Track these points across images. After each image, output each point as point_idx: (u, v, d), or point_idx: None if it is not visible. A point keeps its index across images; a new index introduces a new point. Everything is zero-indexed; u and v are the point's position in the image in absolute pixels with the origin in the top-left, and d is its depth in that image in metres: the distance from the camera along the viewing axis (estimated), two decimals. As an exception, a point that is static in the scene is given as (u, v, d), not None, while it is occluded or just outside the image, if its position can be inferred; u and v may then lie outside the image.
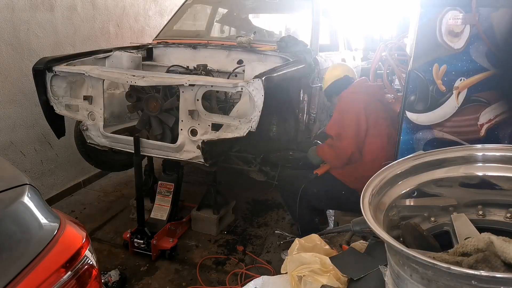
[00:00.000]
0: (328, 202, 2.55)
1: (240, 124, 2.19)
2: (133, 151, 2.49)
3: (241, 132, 2.18)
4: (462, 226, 1.14)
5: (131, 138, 2.47)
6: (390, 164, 1.22)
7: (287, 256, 1.51)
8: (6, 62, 2.83)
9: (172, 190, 2.78)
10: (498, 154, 1.20)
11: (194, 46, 3.18)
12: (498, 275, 0.75)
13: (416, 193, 1.23)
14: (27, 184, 1.11)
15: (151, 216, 2.78)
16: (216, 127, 2.31)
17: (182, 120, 2.32)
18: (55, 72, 2.52)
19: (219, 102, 2.77)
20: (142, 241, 2.55)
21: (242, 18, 4.31)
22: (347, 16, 4.94)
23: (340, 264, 1.37)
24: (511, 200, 1.18)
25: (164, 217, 2.74)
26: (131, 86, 2.47)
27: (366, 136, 2.36)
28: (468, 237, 1.02)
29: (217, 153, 2.53)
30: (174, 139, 2.46)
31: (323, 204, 2.60)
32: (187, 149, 2.38)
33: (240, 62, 2.95)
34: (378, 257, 1.33)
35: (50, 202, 3.20)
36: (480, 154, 1.22)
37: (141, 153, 2.50)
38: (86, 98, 2.56)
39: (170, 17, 3.90)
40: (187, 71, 2.91)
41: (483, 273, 0.73)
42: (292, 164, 2.78)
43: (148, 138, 2.53)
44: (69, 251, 1.06)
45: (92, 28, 3.63)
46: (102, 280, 2.26)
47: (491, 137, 1.82)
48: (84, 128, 2.62)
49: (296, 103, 2.94)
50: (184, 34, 3.64)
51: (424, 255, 0.84)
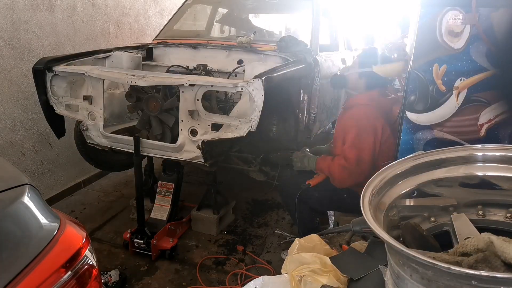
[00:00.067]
0: (330, 205, 2.51)
1: (240, 124, 2.19)
2: (133, 151, 2.49)
3: (241, 132, 2.18)
4: (462, 226, 1.14)
5: (131, 138, 2.47)
6: (390, 164, 1.22)
7: (287, 256, 1.51)
8: (6, 62, 2.83)
9: (172, 190, 2.78)
10: (498, 154, 1.19)
11: (194, 46, 3.18)
12: (498, 275, 0.75)
13: (416, 193, 1.22)
14: (27, 184, 1.11)
15: (151, 216, 2.78)
16: (216, 127, 2.31)
17: (182, 120, 2.32)
18: (55, 72, 2.52)
19: (219, 102, 2.77)
20: (142, 241, 2.55)
21: (242, 18, 4.31)
22: (347, 16, 4.94)
23: (340, 264, 1.37)
24: (511, 200, 1.18)
25: (164, 217, 2.74)
26: (131, 86, 2.47)
27: (380, 150, 2.20)
28: (468, 237, 1.02)
29: (217, 153, 2.53)
30: (174, 139, 2.46)
31: (325, 207, 2.59)
32: (187, 149, 2.38)
33: (240, 62, 2.94)
34: (378, 257, 1.33)
35: (50, 202, 3.20)
36: (480, 154, 1.22)
37: (141, 153, 2.50)
38: (86, 98, 2.56)
39: (170, 17, 3.90)
40: (187, 71, 2.91)
41: (483, 273, 0.73)
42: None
43: (148, 138, 2.53)
44: (69, 251, 1.06)
45: (92, 28, 3.63)
46: (102, 280, 2.26)
47: (491, 137, 1.82)
48: (84, 128, 2.62)
49: (296, 103, 2.94)
50: (184, 34, 3.64)
51: (424, 255, 0.84)
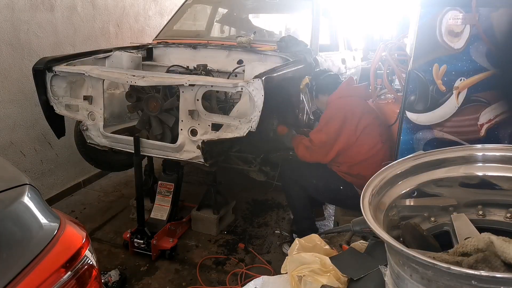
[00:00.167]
0: (326, 194, 2.57)
1: (240, 124, 2.19)
2: (133, 151, 2.49)
3: (241, 132, 2.18)
4: (462, 226, 1.14)
5: (131, 138, 2.47)
6: (390, 164, 1.22)
7: (287, 256, 1.51)
8: (6, 62, 2.83)
9: (172, 190, 2.78)
10: (498, 154, 1.19)
11: (194, 46, 3.18)
12: (498, 275, 0.75)
13: (416, 193, 1.22)
14: (27, 184, 1.11)
15: (151, 216, 2.78)
16: (216, 127, 2.31)
17: (182, 120, 2.32)
18: (55, 72, 2.52)
19: (219, 102, 2.77)
20: (142, 241, 2.55)
21: (242, 18, 4.31)
22: (347, 16, 4.94)
23: (340, 264, 1.37)
24: (511, 200, 1.18)
25: (164, 217, 2.74)
26: (131, 86, 2.47)
27: (357, 139, 2.36)
28: (468, 237, 1.02)
29: (217, 153, 2.53)
30: (174, 139, 2.46)
31: (321, 196, 2.62)
32: (187, 149, 2.38)
33: (240, 62, 2.94)
34: (378, 257, 1.33)
35: (50, 202, 3.20)
36: (480, 154, 1.22)
37: (141, 153, 2.50)
38: (86, 98, 2.56)
39: (170, 17, 3.90)
40: (187, 71, 2.91)
41: (483, 273, 0.73)
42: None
43: (148, 138, 2.53)
44: (69, 251, 1.06)
45: (92, 28, 3.63)
46: (102, 280, 2.26)
47: (491, 137, 1.83)
48: (84, 128, 2.62)
49: (296, 103, 2.95)
50: (184, 34, 3.64)
51: (424, 255, 0.84)
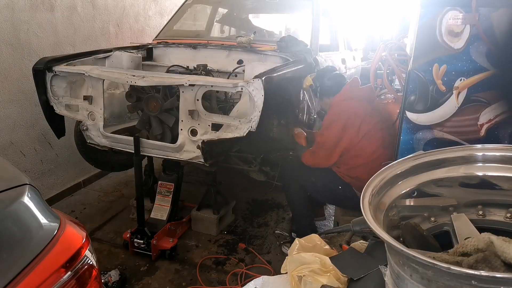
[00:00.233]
0: (325, 194, 2.57)
1: (240, 124, 2.19)
2: (133, 151, 2.49)
3: (241, 132, 2.18)
4: (462, 226, 1.14)
5: (131, 138, 2.47)
6: (390, 164, 1.22)
7: (287, 256, 1.51)
8: (6, 62, 2.83)
9: (172, 190, 2.78)
10: (498, 154, 1.19)
11: (194, 46, 3.18)
12: (498, 275, 0.75)
13: (416, 193, 1.23)
14: (27, 184, 1.11)
15: (151, 216, 2.78)
16: (216, 127, 2.31)
17: (182, 120, 2.32)
18: (55, 72, 2.51)
19: (219, 102, 2.77)
20: (142, 241, 2.55)
21: (242, 18, 4.31)
22: (347, 16, 4.94)
23: (340, 264, 1.37)
24: (511, 200, 1.18)
25: (164, 217, 2.74)
26: (131, 86, 2.47)
27: (359, 141, 2.35)
28: (468, 237, 1.02)
29: (217, 153, 2.53)
30: (174, 139, 2.46)
31: (320, 195, 2.62)
32: (187, 149, 2.38)
33: (240, 62, 2.94)
34: (378, 257, 1.33)
35: (50, 202, 3.20)
36: (480, 154, 1.22)
37: (141, 153, 2.50)
38: (86, 98, 2.56)
39: (170, 17, 3.90)
40: (187, 71, 2.91)
41: (483, 273, 0.73)
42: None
43: (148, 138, 2.52)
44: (69, 251, 1.06)
45: (92, 28, 3.63)
46: (102, 280, 2.26)
47: (491, 137, 1.83)
48: (84, 128, 2.62)
49: (296, 103, 2.94)
50: (184, 34, 3.63)
51: (424, 255, 0.84)
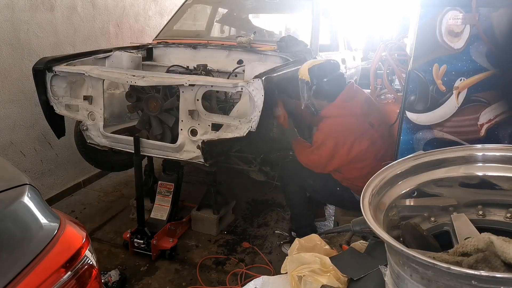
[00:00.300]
0: (323, 194, 2.57)
1: (240, 124, 2.19)
2: (133, 151, 2.49)
3: (241, 132, 2.18)
4: (462, 226, 1.14)
5: (131, 138, 2.47)
6: (390, 164, 1.22)
7: (287, 256, 1.51)
8: (6, 62, 2.83)
9: (172, 190, 2.78)
10: (498, 154, 1.19)
11: (194, 46, 3.18)
12: (498, 275, 0.75)
13: (416, 193, 1.23)
14: (27, 184, 1.11)
15: (151, 216, 2.78)
16: (216, 127, 2.31)
17: (182, 120, 2.32)
18: (55, 72, 2.51)
19: (219, 102, 2.77)
20: (142, 241, 2.55)
21: (242, 18, 4.31)
22: (347, 16, 4.94)
23: (340, 264, 1.37)
24: (511, 200, 1.18)
25: (164, 217, 2.74)
26: (131, 86, 2.47)
27: (350, 162, 2.29)
28: (468, 237, 1.02)
29: (217, 153, 2.53)
30: (174, 139, 2.46)
31: (318, 196, 2.63)
32: (187, 149, 2.38)
33: (240, 62, 2.94)
34: (378, 257, 1.33)
35: (50, 202, 3.20)
36: (480, 154, 1.22)
37: (141, 153, 2.50)
38: (86, 98, 2.56)
39: (170, 17, 3.90)
40: (187, 71, 2.91)
41: (483, 273, 0.73)
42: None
43: (148, 138, 2.52)
44: (69, 251, 1.06)
45: (92, 28, 3.63)
46: (102, 280, 2.26)
47: (491, 137, 1.82)
48: (84, 128, 2.62)
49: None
50: (184, 34, 3.63)
51: (424, 255, 0.84)
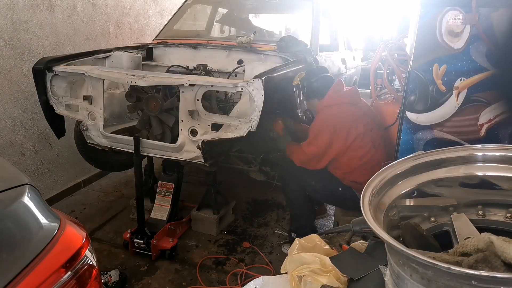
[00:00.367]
0: (323, 194, 2.58)
1: (240, 124, 2.19)
2: (133, 151, 2.49)
3: (241, 132, 2.18)
4: (462, 226, 1.14)
5: (131, 138, 2.47)
6: (390, 164, 1.22)
7: (287, 256, 1.51)
8: (6, 62, 2.83)
9: (172, 190, 2.78)
10: (498, 154, 1.19)
11: (194, 46, 3.18)
12: (498, 275, 0.75)
13: (416, 193, 1.22)
14: (27, 184, 1.11)
15: (151, 216, 2.78)
16: (216, 127, 2.31)
17: (182, 120, 2.32)
18: (55, 72, 2.51)
19: (219, 102, 2.77)
20: (142, 241, 2.55)
21: (242, 18, 4.31)
22: (347, 16, 4.95)
23: (340, 264, 1.37)
24: (511, 200, 1.18)
25: (164, 217, 2.74)
26: (131, 86, 2.47)
27: (348, 148, 2.33)
28: (468, 237, 1.02)
29: (217, 153, 2.53)
30: (174, 139, 2.46)
31: (319, 196, 2.63)
32: (187, 149, 2.38)
33: (240, 62, 2.94)
34: (378, 257, 1.33)
35: (50, 202, 3.20)
36: (480, 154, 1.22)
37: (141, 153, 2.50)
38: (86, 98, 2.56)
39: (170, 17, 3.90)
40: (187, 71, 2.91)
41: (483, 273, 0.73)
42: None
43: (148, 138, 2.52)
44: (69, 251, 1.06)
45: (92, 28, 3.63)
46: (102, 280, 2.26)
47: (491, 137, 1.82)
48: (84, 128, 2.62)
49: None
50: (184, 34, 3.63)
51: (424, 255, 0.84)
